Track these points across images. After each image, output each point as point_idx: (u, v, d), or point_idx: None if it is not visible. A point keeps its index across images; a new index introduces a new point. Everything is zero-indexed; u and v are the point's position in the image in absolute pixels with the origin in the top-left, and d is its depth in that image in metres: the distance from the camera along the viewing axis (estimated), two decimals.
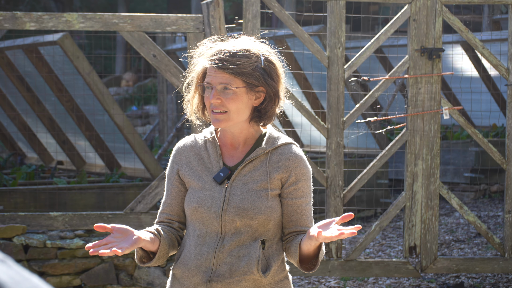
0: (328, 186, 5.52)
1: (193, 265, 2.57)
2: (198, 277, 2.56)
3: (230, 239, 2.54)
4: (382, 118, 5.83)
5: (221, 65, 2.49)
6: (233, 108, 2.51)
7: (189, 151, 2.64)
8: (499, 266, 5.68)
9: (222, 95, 2.50)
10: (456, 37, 9.19)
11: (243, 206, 2.53)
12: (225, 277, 2.53)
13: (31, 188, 6.67)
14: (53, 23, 5.33)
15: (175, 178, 2.64)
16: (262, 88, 2.54)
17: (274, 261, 2.58)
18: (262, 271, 2.55)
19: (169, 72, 5.45)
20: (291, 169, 2.56)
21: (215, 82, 2.51)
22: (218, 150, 2.61)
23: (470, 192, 9.09)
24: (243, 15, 5.44)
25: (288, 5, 16.68)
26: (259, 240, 2.55)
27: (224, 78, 2.50)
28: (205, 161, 2.61)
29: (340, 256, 5.60)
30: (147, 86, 18.25)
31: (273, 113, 2.59)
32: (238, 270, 2.53)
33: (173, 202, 2.65)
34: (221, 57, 2.50)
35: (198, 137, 2.67)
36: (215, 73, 2.51)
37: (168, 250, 2.61)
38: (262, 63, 2.53)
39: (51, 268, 5.47)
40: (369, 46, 5.53)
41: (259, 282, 2.56)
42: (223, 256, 2.54)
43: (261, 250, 2.55)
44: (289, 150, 2.59)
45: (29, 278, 1.08)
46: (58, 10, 23.98)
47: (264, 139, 2.61)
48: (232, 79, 2.50)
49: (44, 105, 8.54)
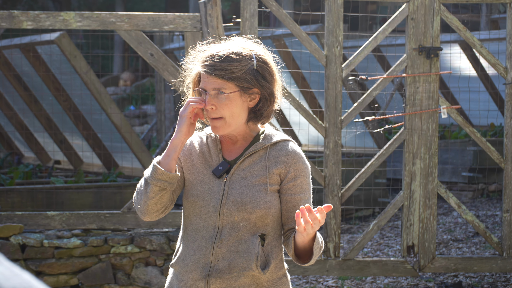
0: (326, 185, 5.51)
1: (192, 261, 2.57)
2: (196, 273, 2.56)
3: (228, 233, 2.54)
4: (380, 117, 5.82)
5: (212, 71, 2.52)
6: (228, 114, 2.53)
7: (191, 145, 2.67)
8: (497, 265, 5.68)
9: (216, 101, 2.53)
10: (454, 36, 9.18)
11: (242, 200, 2.54)
12: (223, 272, 2.53)
13: (29, 187, 6.65)
14: (50, 22, 5.32)
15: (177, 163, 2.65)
16: (256, 89, 2.56)
17: (273, 258, 2.58)
18: (261, 267, 2.55)
19: (167, 71, 5.44)
20: (290, 165, 2.58)
21: (208, 88, 2.54)
22: (218, 144, 2.64)
23: (468, 192, 9.09)
24: (241, 14, 5.43)
25: (286, 4, 16.66)
26: (258, 235, 2.55)
27: (217, 84, 2.52)
28: (205, 155, 2.63)
29: (338, 256, 5.59)
30: (145, 85, 18.24)
31: (270, 112, 2.61)
32: (237, 266, 2.53)
33: None
34: (212, 63, 2.52)
35: (200, 133, 2.70)
36: (208, 79, 2.53)
37: (170, 192, 2.55)
38: (255, 65, 2.55)
39: (48, 268, 5.46)
40: (367, 45, 5.52)
41: (258, 279, 2.56)
42: (222, 252, 2.54)
43: (260, 246, 2.55)
44: (287, 147, 2.61)
45: (19, 274, 1.07)
46: (56, 9, 23.97)
47: (262, 136, 2.63)
48: (225, 84, 2.52)
49: (42, 105, 8.52)
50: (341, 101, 5.50)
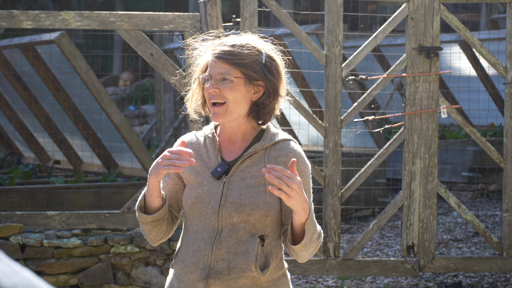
0: (326, 185, 5.50)
1: (191, 262, 2.56)
2: (196, 274, 2.55)
3: (227, 235, 2.53)
4: (380, 117, 5.81)
5: (221, 55, 2.52)
6: (231, 97, 2.52)
7: (189, 147, 2.65)
8: (497, 265, 5.68)
9: (221, 85, 2.53)
10: (454, 36, 9.18)
11: (241, 201, 2.52)
12: (223, 274, 2.52)
13: (28, 187, 6.65)
14: (50, 22, 5.32)
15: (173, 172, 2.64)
16: (261, 82, 2.55)
17: (273, 259, 2.57)
18: (261, 268, 2.54)
19: (166, 71, 5.44)
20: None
21: (214, 73, 2.53)
22: (216, 145, 2.62)
23: (468, 192, 9.09)
24: (241, 13, 5.43)
25: (285, 3, 16.66)
26: (257, 236, 2.54)
27: (223, 68, 2.52)
28: (204, 157, 2.61)
29: (338, 255, 5.58)
30: (145, 85, 18.23)
31: (272, 109, 2.59)
32: (236, 267, 2.52)
33: (168, 194, 2.64)
34: (223, 49, 2.54)
35: (198, 134, 2.68)
36: (216, 64, 2.54)
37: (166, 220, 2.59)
38: (264, 59, 2.55)
39: (48, 268, 5.45)
40: (367, 45, 5.52)
41: (257, 280, 2.54)
42: (221, 253, 2.53)
43: (260, 247, 2.54)
44: (287, 146, 2.59)
45: (19, 272, 1.07)
46: (56, 9, 23.97)
47: (262, 135, 2.62)
48: (231, 70, 2.52)
49: (41, 104, 8.52)
50: (341, 101, 5.50)
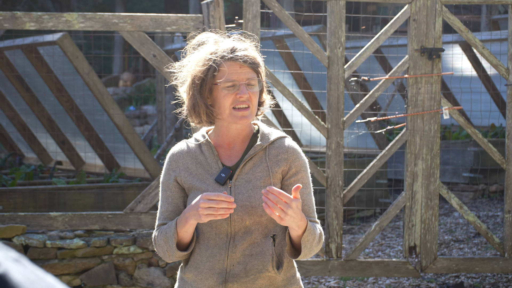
0: (328, 186, 5.51)
1: (206, 268, 2.56)
2: (212, 280, 2.55)
3: (241, 238, 2.53)
4: (382, 118, 5.83)
5: (245, 60, 2.52)
6: (255, 102, 2.56)
7: (184, 156, 2.62)
8: (498, 266, 5.69)
9: (249, 89, 2.54)
10: (455, 37, 9.19)
11: (251, 203, 2.53)
12: (240, 276, 2.53)
13: (30, 188, 6.66)
14: (53, 23, 5.33)
15: (174, 185, 2.61)
16: (261, 79, 2.61)
17: (284, 257, 2.59)
18: (276, 267, 2.56)
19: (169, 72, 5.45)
20: (291, 161, 2.58)
21: (242, 78, 2.53)
22: (214, 151, 2.61)
23: (469, 192, 9.10)
24: (243, 15, 5.44)
25: (287, 5, 16.68)
26: (270, 236, 2.56)
27: (249, 73, 2.54)
28: (203, 164, 2.60)
29: (340, 256, 5.59)
30: (145, 86, 18.25)
31: (263, 101, 2.65)
32: (253, 269, 2.53)
33: (175, 209, 2.62)
34: (243, 53, 2.54)
35: (190, 142, 2.65)
36: (241, 69, 2.53)
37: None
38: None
39: (51, 268, 5.46)
40: (369, 46, 5.53)
41: (274, 279, 2.57)
42: (236, 256, 2.53)
43: (273, 246, 2.55)
44: (285, 143, 2.62)
45: (43, 278, 1.07)
46: (55, 10, 23.97)
47: (258, 136, 2.63)
48: (253, 73, 2.55)
49: (43, 105, 8.53)
50: (343, 102, 5.51)
